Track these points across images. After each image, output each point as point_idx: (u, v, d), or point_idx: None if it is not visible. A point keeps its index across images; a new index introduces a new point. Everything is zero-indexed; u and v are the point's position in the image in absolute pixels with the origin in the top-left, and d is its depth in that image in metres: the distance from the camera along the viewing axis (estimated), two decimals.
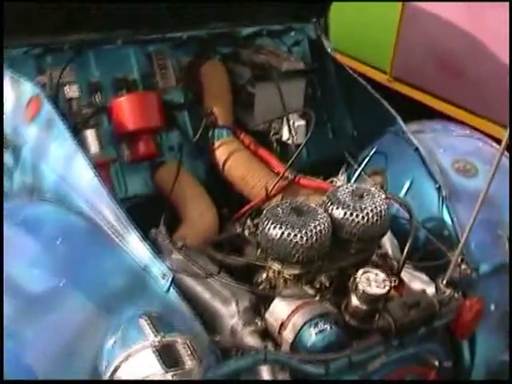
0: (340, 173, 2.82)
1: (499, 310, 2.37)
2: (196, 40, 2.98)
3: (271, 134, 2.93)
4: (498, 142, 3.24)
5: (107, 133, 2.74)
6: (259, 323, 2.07)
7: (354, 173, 2.90)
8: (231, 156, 2.72)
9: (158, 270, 1.98)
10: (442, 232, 2.45)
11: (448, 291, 2.16)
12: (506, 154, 2.68)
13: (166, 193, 2.66)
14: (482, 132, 4.15)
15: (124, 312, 1.84)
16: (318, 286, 2.16)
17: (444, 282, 2.18)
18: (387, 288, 2.00)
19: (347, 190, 2.21)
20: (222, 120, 2.82)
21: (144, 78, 2.87)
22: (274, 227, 2.04)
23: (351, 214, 2.12)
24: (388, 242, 2.42)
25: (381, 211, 2.14)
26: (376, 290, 1.99)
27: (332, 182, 2.78)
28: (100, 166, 2.57)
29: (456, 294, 2.13)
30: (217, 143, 2.79)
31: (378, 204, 2.15)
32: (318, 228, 2.04)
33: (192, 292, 2.17)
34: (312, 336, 1.93)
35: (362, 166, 2.86)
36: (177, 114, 2.90)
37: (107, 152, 2.71)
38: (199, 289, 2.17)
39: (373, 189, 2.24)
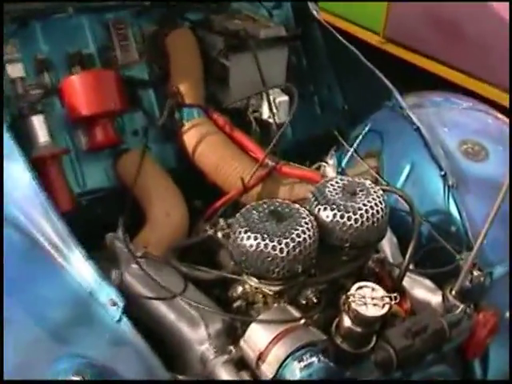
0: (329, 156, 2.41)
1: None
2: (161, 6, 2.53)
3: (249, 112, 2.50)
4: (502, 109, 2.85)
5: (59, 118, 2.31)
6: (233, 351, 1.68)
7: (346, 155, 2.48)
8: (202, 140, 2.31)
9: (107, 297, 1.60)
10: (448, 227, 2.07)
11: (458, 305, 1.77)
12: None
13: (127, 186, 2.25)
14: (482, 98, 3.79)
15: (63, 359, 1.46)
16: (304, 302, 1.77)
17: (453, 292, 1.79)
18: (386, 308, 1.61)
19: (337, 185, 1.81)
20: (191, 98, 2.40)
21: (101, 52, 2.43)
22: (248, 237, 1.65)
23: (342, 216, 1.72)
24: (386, 242, 2.03)
25: (378, 211, 1.75)
26: (373, 311, 1.61)
27: (320, 167, 2.37)
28: (50, 160, 2.17)
29: (468, 309, 1.74)
30: (186, 125, 2.37)
31: (374, 202, 1.76)
32: (302, 236, 1.65)
33: (155, 313, 1.79)
34: (296, 372, 1.56)
35: (354, 146, 2.45)
36: (141, 92, 2.47)
37: (59, 141, 2.29)
38: (163, 309, 1.79)
39: (367, 182, 1.83)
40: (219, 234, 2.03)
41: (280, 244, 1.63)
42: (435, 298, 1.90)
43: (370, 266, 1.88)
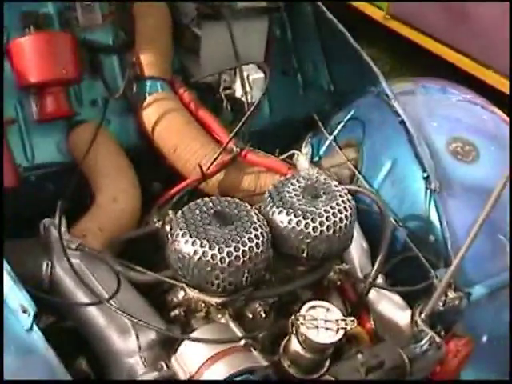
0: (304, 143, 2.15)
1: (493, 342, 1.76)
2: None
3: (221, 88, 2.23)
4: (501, 96, 2.57)
5: (9, 85, 2.03)
6: (164, 368, 1.45)
7: (324, 142, 2.22)
8: (163, 117, 2.04)
9: (17, 302, 1.35)
10: (426, 236, 1.82)
11: (427, 331, 1.52)
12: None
13: (76, 162, 2.00)
14: (485, 84, 3.50)
15: None
16: (250, 316, 1.53)
17: (423, 315, 1.54)
18: (340, 333, 1.37)
19: (298, 185, 1.56)
20: (155, 69, 2.12)
21: (61, 12, 2.14)
22: (186, 241, 1.40)
23: (298, 223, 1.46)
24: (355, 248, 1.78)
25: (341, 219, 1.49)
26: (324, 336, 1.37)
27: (293, 156, 2.10)
28: None
29: (437, 338, 1.49)
30: (147, 99, 2.09)
31: (337, 208, 1.51)
32: (249, 245, 1.41)
33: (84, 316, 1.56)
34: None
35: (334, 133, 2.18)
36: (103, 59, 2.18)
37: (8, 110, 2.02)
38: (93, 312, 1.56)
39: (334, 183, 1.57)
40: (167, 228, 1.77)
41: (221, 253, 1.38)
42: (403, 318, 1.67)
43: (331, 277, 1.62)
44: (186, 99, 2.12)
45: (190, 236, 1.40)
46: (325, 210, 1.49)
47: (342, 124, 2.18)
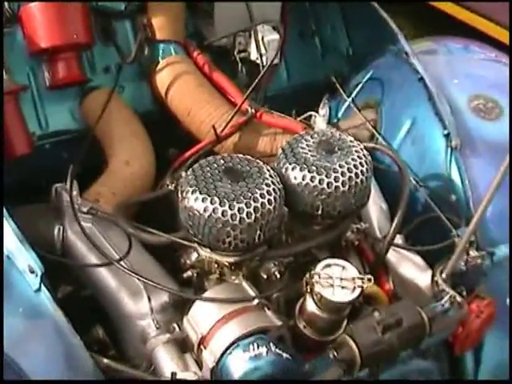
0: (321, 105, 2.07)
1: None
2: None
3: (236, 51, 2.16)
4: None
5: (21, 52, 1.98)
6: (177, 329, 1.40)
7: (343, 104, 2.14)
8: (176, 81, 1.99)
9: (25, 262, 1.31)
10: (448, 196, 1.75)
11: (447, 291, 1.45)
12: None
13: (89, 128, 1.95)
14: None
15: None
16: (265, 277, 1.47)
17: (444, 275, 1.48)
18: (357, 292, 1.31)
19: (312, 141, 1.49)
20: (168, 32, 2.07)
21: None
22: (196, 198, 1.35)
23: (312, 179, 1.40)
24: (373, 208, 1.72)
25: (356, 174, 1.43)
26: (340, 295, 1.31)
27: (310, 117, 2.03)
28: (5, 97, 1.87)
29: (458, 297, 1.43)
30: (161, 63, 2.04)
31: (353, 164, 1.44)
32: (261, 201, 1.35)
33: (96, 279, 1.52)
34: (240, 364, 1.27)
35: (353, 95, 2.11)
36: (115, 25, 2.12)
37: (20, 77, 1.98)
38: (104, 275, 1.52)
39: (349, 139, 1.51)
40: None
41: (232, 209, 1.33)
42: (424, 279, 1.60)
43: (348, 236, 1.56)
44: (200, 62, 2.06)
45: (200, 193, 1.35)
46: (340, 165, 1.42)
47: (360, 85, 2.11)
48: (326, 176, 1.41)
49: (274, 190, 1.37)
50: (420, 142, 1.85)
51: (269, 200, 1.35)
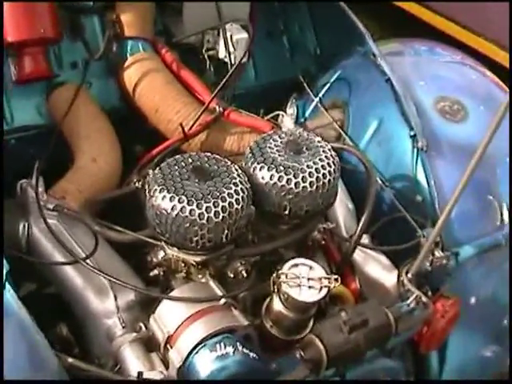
0: (288, 104, 2.07)
1: (480, 303, 1.70)
2: None
3: (204, 49, 2.14)
4: (495, 66, 2.49)
5: None
6: (143, 328, 1.39)
7: (310, 104, 2.14)
8: (144, 78, 1.96)
9: None
10: (414, 196, 1.75)
11: (413, 291, 1.46)
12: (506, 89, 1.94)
13: (55, 124, 1.92)
14: (479, 55, 3.41)
15: None
16: (231, 276, 1.46)
17: (409, 275, 1.48)
18: (324, 292, 1.31)
19: (280, 141, 1.48)
20: (136, 29, 2.04)
21: None
22: (163, 197, 1.33)
23: (280, 179, 1.39)
24: (340, 208, 1.71)
25: (324, 175, 1.42)
26: (307, 295, 1.30)
27: (278, 116, 2.03)
28: None
29: (423, 297, 1.43)
30: (128, 60, 2.01)
31: (320, 164, 1.43)
32: (228, 200, 1.33)
33: (62, 276, 1.49)
34: (207, 364, 1.25)
35: (320, 95, 2.11)
36: (83, 20, 2.08)
37: None
38: (70, 273, 1.49)
39: (317, 139, 1.50)
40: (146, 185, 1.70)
41: (199, 208, 1.31)
42: (390, 279, 1.61)
43: (315, 236, 1.56)
44: (168, 59, 2.04)
45: (168, 191, 1.33)
46: (307, 166, 1.42)
47: (327, 85, 2.10)
48: (294, 176, 1.40)
49: (241, 189, 1.36)
50: (387, 143, 1.86)
51: (236, 199, 1.34)
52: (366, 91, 1.99)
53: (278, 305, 1.37)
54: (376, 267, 1.63)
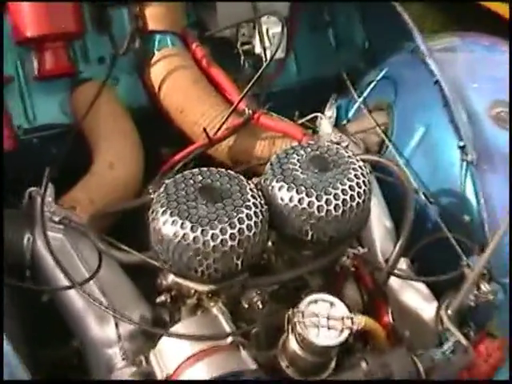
0: (328, 105, 1.87)
1: None
2: None
3: (239, 43, 1.95)
4: None
5: (9, 40, 1.81)
6: (144, 363, 1.23)
7: (353, 104, 1.93)
8: (170, 75, 1.80)
9: None
10: (460, 216, 1.53)
11: (452, 330, 1.25)
12: None
13: (76, 124, 1.77)
14: None
15: None
16: (246, 306, 1.29)
17: (449, 311, 1.28)
18: (346, 334, 1.12)
19: (304, 155, 1.29)
20: (166, 22, 1.87)
21: None
22: (165, 221, 1.16)
23: (301, 201, 1.20)
24: (377, 227, 1.52)
25: (353, 197, 1.22)
26: (325, 338, 1.12)
27: (316, 118, 1.83)
28: None
29: (464, 341, 1.23)
30: (156, 55, 1.84)
31: (350, 184, 1.24)
32: (239, 226, 1.16)
33: (60, 295, 1.35)
34: None
35: (364, 95, 1.90)
36: (111, 12, 1.93)
37: (8, 67, 1.82)
38: (71, 293, 1.34)
39: (348, 154, 1.30)
40: None
41: (204, 235, 1.14)
42: (428, 311, 1.40)
43: (344, 262, 1.36)
44: (199, 55, 1.88)
45: (171, 214, 1.16)
46: (333, 186, 1.22)
47: (372, 84, 1.89)
48: (317, 198, 1.21)
49: (255, 213, 1.18)
50: (433, 153, 1.64)
51: (248, 225, 1.16)
52: (413, 92, 1.77)
53: (293, 344, 1.19)
54: (413, 296, 1.43)
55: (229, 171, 1.26)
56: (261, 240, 1.20)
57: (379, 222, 1.53)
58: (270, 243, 1.31)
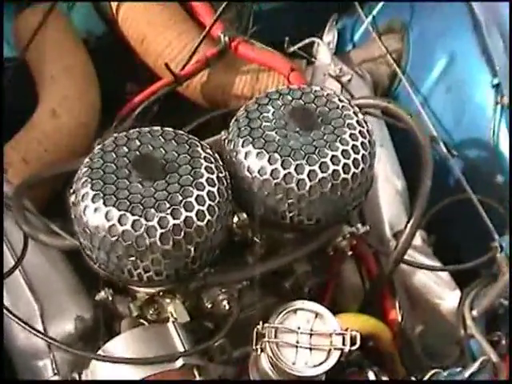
0: (327, 28, 1.49)
1: None
2: None
3: None
4: None
5: None
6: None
7: (360, 25, 1.56)
8: None
9: None
10: (491, 175, 1.17)
11: (477, 338, 0.93)
12: None
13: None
14: None
15: None
16: (209, 306, 0.97)
17: (474, 312, 0.96)
18: (333, 358, 0.81)
19: (282, 107, 0.94)
20: None
21: None
22: (86, 208, 0.83)
23: (274, 173, 0.86)
24: (385, 190, 1.18)
25: (346, 168, 0.89)
26: (304, 363, 0.81)
27: (312, 44, 1.46)
28: None
29: (494, 357, 0.91)
30: None
31: (343, 148, 0.89)
32: (187, 214, 0.82)
33: None
34: None
35: (373, 13, 1.52)
36: None
37: None
38: None
39: (342, 102, 0.95)
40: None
41: (136, 229, 0.81)
42: (448, 301, 1.08)
43: (339, 244, 1.03)
44: None
45: (93, 199, 0.84)
46: (319, 153, 0.87)
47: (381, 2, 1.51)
48: (296, 170, 0.87)
49: (209, 194, 0.85)
50: (457, 91, 1.29)
51: (199, 212, 0.83)
52: (435, 12, 1.40)
53: (265, 364, 0.88)
54: (428, 281, 1.10)
55: (177, 132, 0.92)
56: (220, 228, 0.88)
57: (387, 182, 1.20)
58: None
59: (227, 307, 0.98)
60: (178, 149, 0.89)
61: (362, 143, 0.91)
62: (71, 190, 0.89)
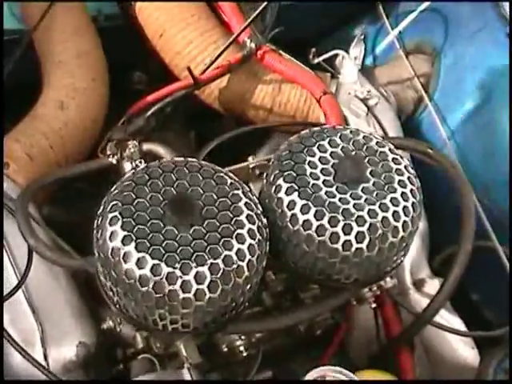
0: (354, 42, 1.40)
1: None
2: None
3: None
4: None
5: None
6: None
7: (384, 37, 1.48)
8: None
9: None
10: None
11: None
12: None
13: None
14: None
15: None
16: (226, 350, 0.92)
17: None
18: None
19: (329, 151, 0.86)
20: None
21: None
22: (114, 249, 0.74)
23: (319, 230, 0.79)
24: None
25: (395, 230, 0.81)
26: None
27: (336, 56, 1.38)
28: None
29: None
30: None
31: (394, 209, 0.82)
32: (226, 268, 0.74)
33: None
34: None
35: (399, 27, 1.44)
36: None
37: None
38: None
39: (392, 152, 0.87)
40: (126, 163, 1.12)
41: (171, 282, 0.73)
42: (468, 358, 1.03)
43: (362, 295, 0.97)
44: None
45: (123, 241, 0.75)
46: (368, 212, 0.80)
47: (412, 15, 1.43)
48: (343, 229, 0.79)
49: (250, 247, 0.77)
50: (490, 130, 1.22)
51: (238, 268, 0.76)
52: (473, 38, 1.31)
53: None
54: (448, 339, 1.05)
55: (216, 168, 0.83)
56: (255, 283, 0.81)
57: None
58: None
59: (244, 354, 0.92)
60: (217, 191, 0.80)
61: (413, 204, 0.84)
62: (96, 223, 0.80)
